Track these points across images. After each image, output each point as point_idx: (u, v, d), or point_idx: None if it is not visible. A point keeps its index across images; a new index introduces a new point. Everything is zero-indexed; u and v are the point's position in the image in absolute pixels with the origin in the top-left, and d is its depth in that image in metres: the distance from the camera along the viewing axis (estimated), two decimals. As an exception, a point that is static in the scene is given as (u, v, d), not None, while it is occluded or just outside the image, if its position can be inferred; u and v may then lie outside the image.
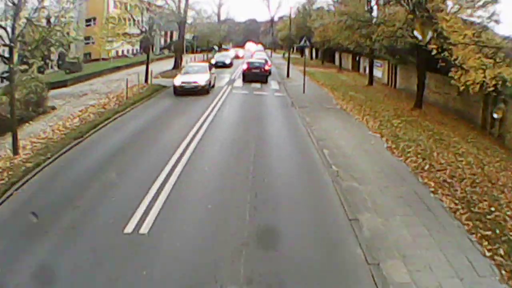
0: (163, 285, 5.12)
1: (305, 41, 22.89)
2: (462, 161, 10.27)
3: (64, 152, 10.35)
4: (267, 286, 5.12)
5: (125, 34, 21.40)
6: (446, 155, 10.62)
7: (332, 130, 12.77)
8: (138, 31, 23.17)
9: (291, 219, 6.93)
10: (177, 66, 33.60)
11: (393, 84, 29.78)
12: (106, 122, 13.58)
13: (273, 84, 26.11)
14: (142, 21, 22.12)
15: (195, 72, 21.01)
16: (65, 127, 12.80)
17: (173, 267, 5.47)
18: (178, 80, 19.86)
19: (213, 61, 36.99)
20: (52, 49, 13.28)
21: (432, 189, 8.15)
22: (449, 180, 8.60)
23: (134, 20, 22.25)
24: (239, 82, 25.82)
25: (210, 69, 22.07)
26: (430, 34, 14.56)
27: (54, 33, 10.75)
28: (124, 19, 20.91)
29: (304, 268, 5.48)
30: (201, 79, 19.82)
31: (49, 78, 37.10)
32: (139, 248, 5.91)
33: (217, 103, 17.66)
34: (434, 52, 13.32)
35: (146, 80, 23.83)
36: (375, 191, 7.93)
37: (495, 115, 15.57)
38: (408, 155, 10.32)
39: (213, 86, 21.69)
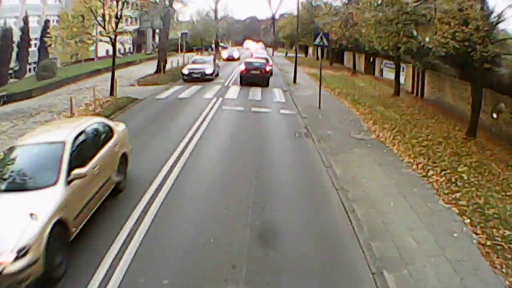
0: None
1: (321, 39, 16.92)
2: None
3: None
4: None
5: (87, 33, 16.51)
6: None
7: (384, 203, 7.54)
8: (111, 29, 18.33)
9: None
10: (159, 70, 28.67)
11: (419, 93, 25.01)
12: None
13: (277, 93, 21.24)
14: (104, 16, 17.03)
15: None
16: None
17: None
18: None
19: (185, 71, 25.10)
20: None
21: None
22: None
23: (102, 16, 17.32)
24: (232, 93, 20.89)
25: (105, 140, 7.38)
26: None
27: None
28: (83, 15, 15.89)
29: None
30: None
31: (15, 88, 32.92)
32: None
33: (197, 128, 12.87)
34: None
35: (111, 93, 18.95)
36: None
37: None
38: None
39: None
